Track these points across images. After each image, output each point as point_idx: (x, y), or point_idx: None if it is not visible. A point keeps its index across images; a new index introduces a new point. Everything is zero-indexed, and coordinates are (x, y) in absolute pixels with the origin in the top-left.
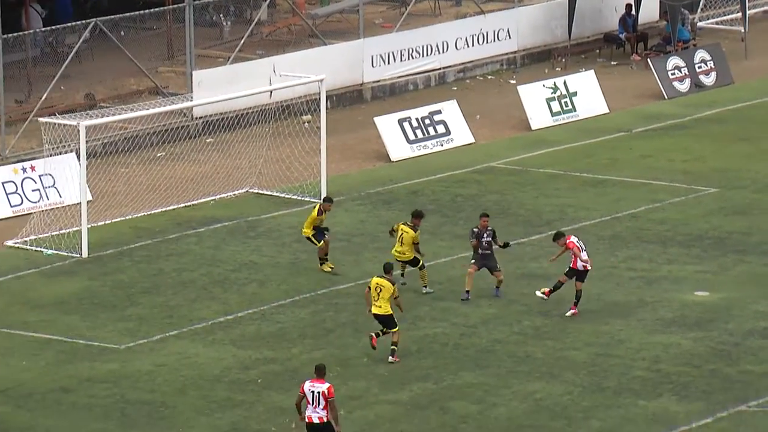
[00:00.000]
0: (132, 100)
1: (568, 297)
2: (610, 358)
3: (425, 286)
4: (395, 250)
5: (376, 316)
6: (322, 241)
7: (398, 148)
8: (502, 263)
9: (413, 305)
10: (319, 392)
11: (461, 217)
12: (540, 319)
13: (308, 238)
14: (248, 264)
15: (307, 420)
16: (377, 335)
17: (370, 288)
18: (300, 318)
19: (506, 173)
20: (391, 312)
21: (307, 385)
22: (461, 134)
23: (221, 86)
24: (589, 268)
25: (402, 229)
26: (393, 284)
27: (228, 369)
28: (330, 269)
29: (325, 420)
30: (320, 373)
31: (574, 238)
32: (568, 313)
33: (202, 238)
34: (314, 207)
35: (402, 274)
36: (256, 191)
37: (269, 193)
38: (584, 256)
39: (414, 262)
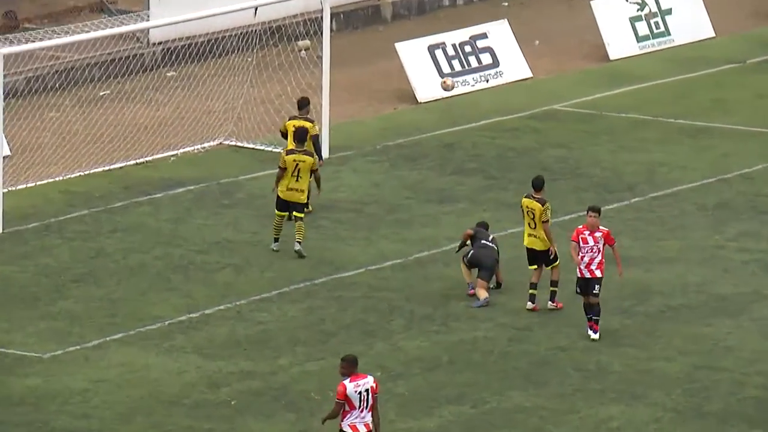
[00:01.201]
0: (67, 20)
1: (655, 288)
2: (715, 371)
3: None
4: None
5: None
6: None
7: (428, 86)
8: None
9: (444, 300)
10: (368, 390)
11: (512, 178)
12: (618, 318)
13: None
14: (221, 243)
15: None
16: None
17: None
18: (290, 317)
19: (574, 119)
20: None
21: (351, 387)
22: (514, 66)
23: (188, 1)
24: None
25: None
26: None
27: (191, 386)
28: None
29: (372, 428)
30: (354, 364)
31: (586, 231)
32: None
33: (159, 208)
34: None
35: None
36: (233, 143)
37: (251, 146)
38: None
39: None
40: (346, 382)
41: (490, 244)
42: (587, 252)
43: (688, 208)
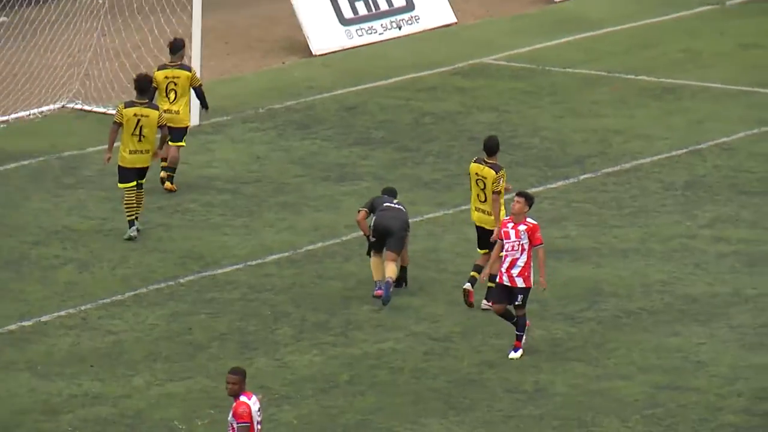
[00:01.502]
0: None
1: (609, 289)
2: (683, 393)
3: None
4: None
5: None
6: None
7: (325, 34)
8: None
9: (344, 304)
10: (259, 409)
11: (430, 150)
12: (561, 326)
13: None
14: (62, 233)
15: None
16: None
17: None
18: (148, 325)
19: (509, 76)
20: None
21: (254, 406)
22: (433, 9)
23: None
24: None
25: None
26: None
27: (22, 413)
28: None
29: None
30: (245, 376)
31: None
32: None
33: None
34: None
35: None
36: (78, 107)
37: (102, 110)
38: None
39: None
40: (246, 399)
41: (396, 206)
42: (509, 250)
43: (651, 186)
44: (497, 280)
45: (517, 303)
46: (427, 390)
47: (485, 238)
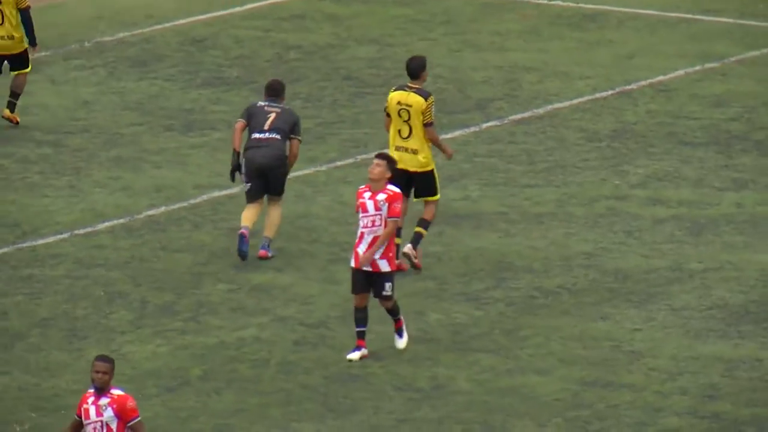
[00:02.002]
0: None
1: (520, 263)
2: (614, 390)
3: None
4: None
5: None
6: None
7: None
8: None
9: (194, 282)
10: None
11: (298, 92)
12: (463, 308)
13: None
14: None
15: None
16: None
17: None
18: None
19: (394, 1)
20: None
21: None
22: None
23: None
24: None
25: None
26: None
27: None
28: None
29: None
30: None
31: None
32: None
33: None
34: None
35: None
36: None
37: None
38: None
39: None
40: (121, 392)
41: (271, 135)
42: (368, 226)
43: (570, 137)
44: (352, 264)
45: (385, 293)
46: (299, 388)
47: (409, 185)
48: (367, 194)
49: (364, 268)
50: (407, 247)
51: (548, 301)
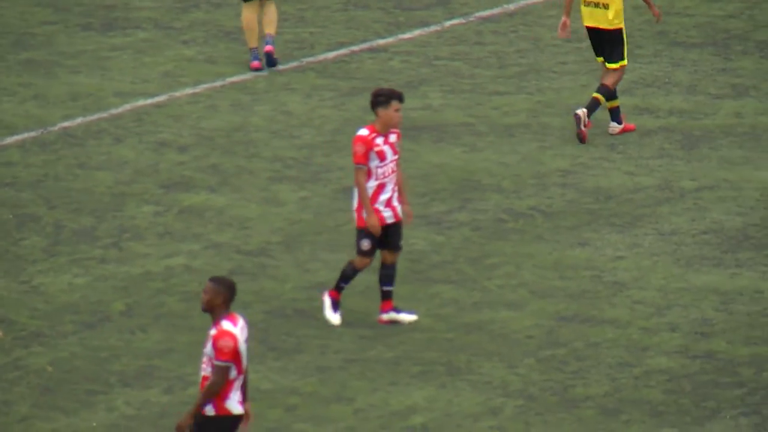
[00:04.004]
0: None
1: (487, 180)
2: (595, 327)
3: None
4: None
5: None
6: None
7: None
8: None
9: (117, 203)
10: (246, 338)
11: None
12: (422, 232)
13: None
14: None
15: (242, 407)
16: None
17: None
18: None
19: None
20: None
21: (241, 336)
22: None
23: None
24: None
25: None
26: None
27: None
28: None
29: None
30: (235, 294)
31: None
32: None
33: None
34: None
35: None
36: None
37: None
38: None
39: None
40: (230, 327)
41: None
42: (388, 174)
43: (545, 36)
44: (373, 223)
45: (401, 244)
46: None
47: (599, 44)
48: (380, 139)
49: (389, 221)
50: (580, 110)
51: (519, 224)
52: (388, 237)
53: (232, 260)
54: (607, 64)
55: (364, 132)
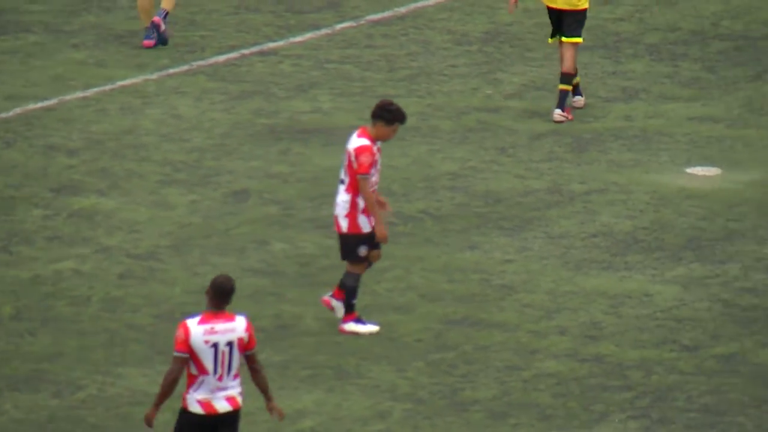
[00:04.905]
0: None
1: (382, 183)
2: (483, 330)
3: None
4: None
5: None
6: None
7: None
8: None
9: (6, 207)
10: (233, 342)
11: None
12: (310, 236)
13: None
14: None
15: (201, 407)
16: None
17: None
18: None
19: None
20: None
21: (199, 331)
22: None
23: None
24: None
25: None
26: None
27: None
28: None
29: (240, 401)
30: (224, 295)
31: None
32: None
33: None
34: None
35: None
36: None
37: None
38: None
39: None
40: (191, 319)
41: None
42: (377, 181)
43: (436, 39)
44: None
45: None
46: (125, 328)
47: (559, 23)
48: (375, 148)
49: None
50: (556, 113)
51: (409, 228)
52: (372, 240)
53: (122, 264)
54: (564, 38)
55: (366, 142)
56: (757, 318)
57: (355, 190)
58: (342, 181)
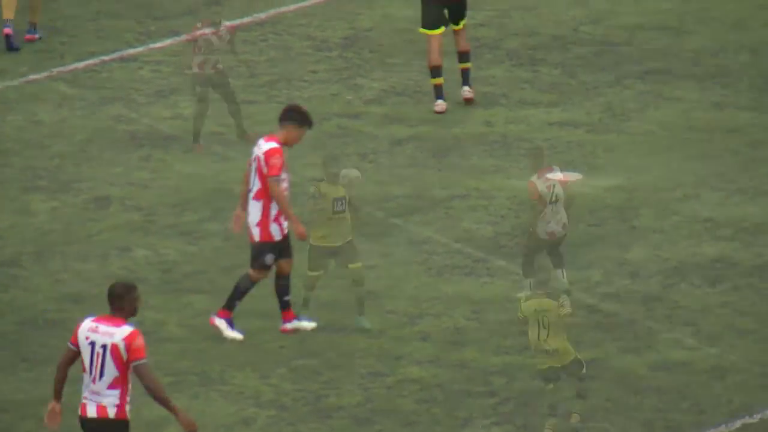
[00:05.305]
0: None
1: (234, 192)
2: (346, 336)
3: None
4: None
5: None
6: None
7: None
8: None
9: None
10: (107, 346)
11: None
12: (173, 242)
13: None
14: None
15: (79, 407)
16: None
17: None
18: None
19: None
20: None
21: (85, 327)
22: None
23: None
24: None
25: None
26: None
27: None
28: None
29: (111, 413)
30: (109, 298)
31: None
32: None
33: None
34: None
35: None
36: None
37: None
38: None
39: None
40: (86, 321)
41: None
42: (288, 188)
43: (296, 45)
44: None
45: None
46: None
47: (449, 11)
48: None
49: (285, 231)
50: (465, 91)
51: None
52: (284, 248)
53: None
54: (456, 26)
55: (275, 144)
56: (620, 323)
57: (266, 195)
58: (250, 190)
